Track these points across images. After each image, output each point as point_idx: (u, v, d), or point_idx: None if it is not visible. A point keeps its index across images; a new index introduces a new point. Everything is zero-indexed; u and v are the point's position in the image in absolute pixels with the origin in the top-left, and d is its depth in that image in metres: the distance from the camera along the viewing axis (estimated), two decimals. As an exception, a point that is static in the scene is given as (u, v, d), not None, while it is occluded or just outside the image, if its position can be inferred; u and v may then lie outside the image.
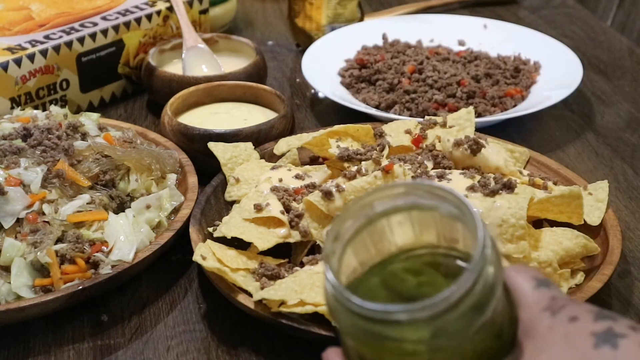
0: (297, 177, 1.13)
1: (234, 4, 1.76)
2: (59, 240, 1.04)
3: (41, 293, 1.00)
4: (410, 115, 1.38)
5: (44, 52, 1.36)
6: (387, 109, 1.41)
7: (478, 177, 1.08)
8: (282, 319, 0.93)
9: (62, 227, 1.05)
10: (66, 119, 1.24)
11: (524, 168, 1.20)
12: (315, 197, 1.04)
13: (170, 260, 1.11)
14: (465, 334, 0.65)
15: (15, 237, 1.03)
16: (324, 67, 1.52)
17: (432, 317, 0.63)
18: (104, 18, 1.46)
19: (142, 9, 1.50)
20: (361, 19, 1.69)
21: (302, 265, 1.02)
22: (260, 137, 1.25)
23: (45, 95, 1.39)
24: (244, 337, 1.00)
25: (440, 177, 1.08)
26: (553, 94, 1.40)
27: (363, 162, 1.09)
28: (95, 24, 1.44)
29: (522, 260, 0.99)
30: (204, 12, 1.59)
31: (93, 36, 1.42)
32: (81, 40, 1.41)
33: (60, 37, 1.40)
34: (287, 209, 1.06)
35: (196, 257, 0.99)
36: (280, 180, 1.12)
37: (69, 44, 1.39)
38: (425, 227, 0.72)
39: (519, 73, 1.51)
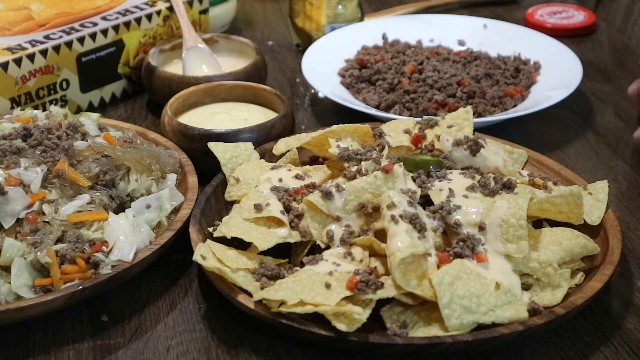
0: (297, 177, 1.13)
1: (234, 4, 1.76)
2: (59, 240, 1.04)
3: (41, 293, 1.00)
4: (411, 115, 1.38)
5: (44, 52, 1.36)
6: (387, 109, 1.41)
7: (478, 177, 1.08)
8: (282, 319, 0.93)
9: (62, 227, 1.05)
10: (66, 119, 1.24)
11: (522, 169, 1.20)
12: (315, 197, 1.03)
13: (170, 260, 1.11)
14: None
15: (15, 237, 1.03)
16: (324, 67, 1.52)
17: None
18: (104, 18, 1.46)
19: (142, 9, 1.50)
20: (361, 19, 1.69)
21: (302, 265, 1.02)
22: (260, 137, 1.25)
23: (45, 95, 1.39)
24: (244, 337, 1.00)
25: (441, 177, 1.08)
26: (553, 94, 1.40)
27: (363, 162, 1.09)
28: (95, 24, 1.44)
29: (522, 260, 0.99)
30: (204, 12, 1.59)
31: (93, 36, 1.42)
32: (81, 40, 1.41)
33: (60, 37, 1.40)
34: (287, 209, 1.06)
35: (196, 257, 0.99)
36: (280, 180, 1.12)
37: (69, 44, 1.39)
38: None
39: (519, 73, 1.51)
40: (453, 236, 1.02)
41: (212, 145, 1.18)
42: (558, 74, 1.48)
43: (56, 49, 1.38)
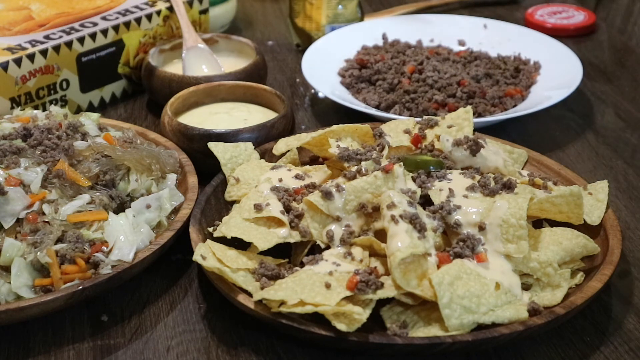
0: (297, 177, 1.13)
1: (234, 4, 1.76)
2: (59, 240, 1.04)
3: (41, 293, 1.00)
4: (411, 115, 1.38)
5: (44, 52, 1.36)
6: (387, 109, 1.41)
7: (478, 177, 1.08)
8: (282, 319, 0.93)
9: (62, 227, 1.05)
10: (66, 119, 1.24)
11: (522, 169, 1.20)
12: (315, 197, 1.03)
13: (170, 260, 1.11)
14: None
15: (15, 237, 1.03)
16: (324, 67, 1.52)
17: None
18: (104, 18, 1.46)
19: (142, 9, 1.50)
20: (361, 19, 1.69)
21: (302, 265, 1.02)
22: (260, 137, 1.25)
23: (45, 95, 1.39)
24: (244, 337, 1.00)
25: (441, 177, 1.08)
26: (553, 94, 1.40)
27: (363, 162, 1.09)
28: (95, 24, 1.44)
29: (522, 260, 0.99)
30: (204, 12, 1.59)
31: (93, 36, 1.42)
32: (81, 40, 1.41)
33: (60, 37, 1.40)
34: (287, 209, 1.06)
35: (196, 257, 0.99)
36: (280, 180, 1.12)
37: (69, 44, 1.39)
38: None
39: (519, 73, 1.51)
40: (453, 236, 1.02)
41: (212, 145, 1.18)
42: (558, 74, 1.48)
43: (56, 49, 1.38)
